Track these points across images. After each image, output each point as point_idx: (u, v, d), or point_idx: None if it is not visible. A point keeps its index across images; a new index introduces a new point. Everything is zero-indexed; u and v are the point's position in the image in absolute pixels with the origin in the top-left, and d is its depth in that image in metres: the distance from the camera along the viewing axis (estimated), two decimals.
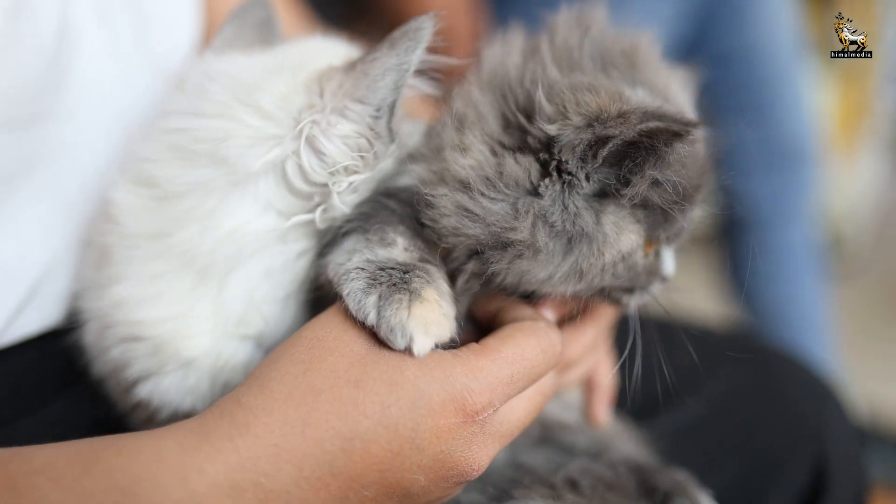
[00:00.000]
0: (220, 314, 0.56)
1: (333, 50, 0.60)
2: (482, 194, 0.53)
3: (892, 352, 1.97)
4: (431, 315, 0.49)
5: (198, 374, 0.56)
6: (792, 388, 0.80)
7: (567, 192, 0.53)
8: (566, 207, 0.53)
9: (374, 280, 0.50)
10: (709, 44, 1.48)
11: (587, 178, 0.53)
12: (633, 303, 0.60)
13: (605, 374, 0.69)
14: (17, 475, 0.44)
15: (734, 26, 1.48)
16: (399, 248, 0.53)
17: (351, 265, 0.52)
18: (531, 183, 0.53)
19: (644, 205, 0.54)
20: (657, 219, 0.56)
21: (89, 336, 0.59)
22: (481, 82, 0.58)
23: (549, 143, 0.53)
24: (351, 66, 0.54)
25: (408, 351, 0.48)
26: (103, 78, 0.63)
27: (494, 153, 0.54)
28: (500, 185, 0.53)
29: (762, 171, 1.54)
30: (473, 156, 0.54)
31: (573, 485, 0.59)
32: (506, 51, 0.60)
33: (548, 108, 0.53)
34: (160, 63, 0.69)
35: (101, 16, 0.65)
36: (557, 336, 0.53)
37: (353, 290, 0.50)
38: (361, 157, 0.54)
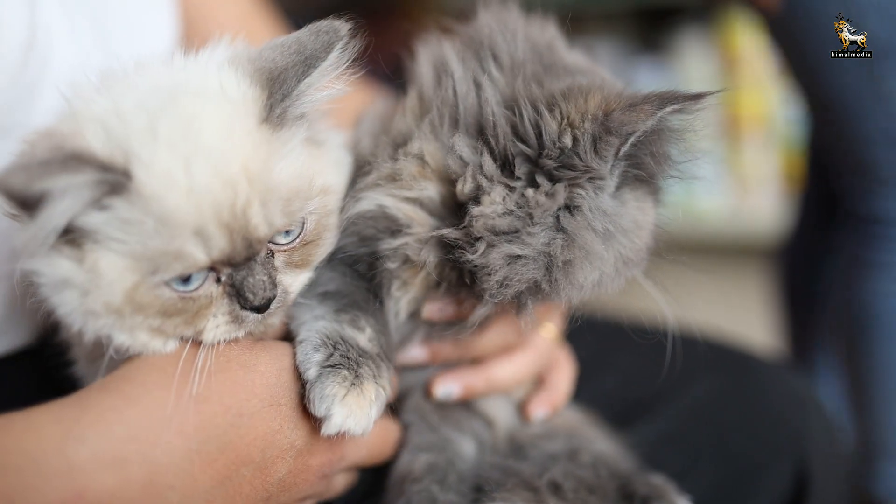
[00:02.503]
0: None
1: None
2: (527, 233, 0.53)
3: None
4: (359, 410, 0.52)
5: None
6: (773, 394, 0.81)
7: (599, 196, 0.54)
8: (605, 211, 0.54)
9: (331, 344, 0.54)
10: None
11: (610, 176, 0.54)
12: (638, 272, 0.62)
13: (559, 376, 0.69)
14: None
15: None
16: (365, 336, 0.56)
17: (316, 325, 0.55)
18: (559, 202, 0.53)
19: (646, 178, 0.56)
20: (653, 185, 0.58)
21: None
22: (437, 118, 0.58)
23: (561, 158, 0.53)
24: None
25: (317, 421, 0.51)
26: None
27: (509, 189, 0.54)
28: (536, 216, 0.53)
29: None
30: (492, 199, 0.54)
31: (556, 488, 0.61)
32: (447, 76, 0.59)
33: (552, 123, 0.53)
34: None
35: (71, 28, 0.64)
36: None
37: (307, 340, 0.54)
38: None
